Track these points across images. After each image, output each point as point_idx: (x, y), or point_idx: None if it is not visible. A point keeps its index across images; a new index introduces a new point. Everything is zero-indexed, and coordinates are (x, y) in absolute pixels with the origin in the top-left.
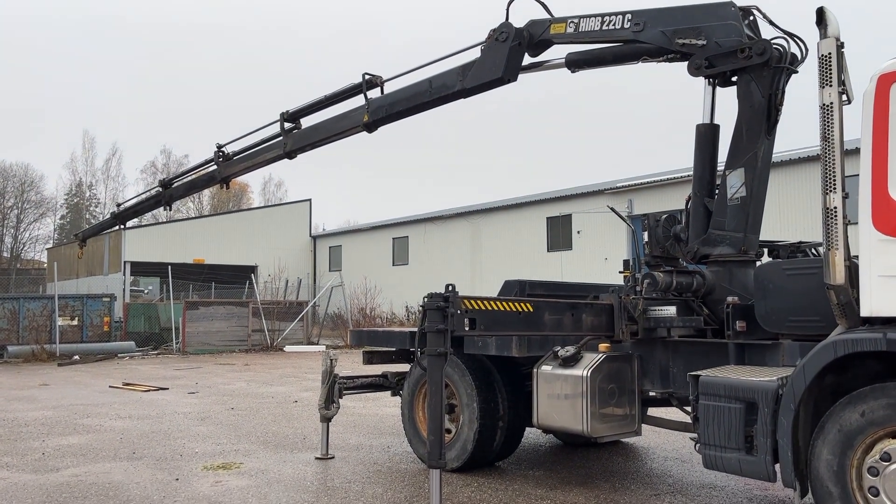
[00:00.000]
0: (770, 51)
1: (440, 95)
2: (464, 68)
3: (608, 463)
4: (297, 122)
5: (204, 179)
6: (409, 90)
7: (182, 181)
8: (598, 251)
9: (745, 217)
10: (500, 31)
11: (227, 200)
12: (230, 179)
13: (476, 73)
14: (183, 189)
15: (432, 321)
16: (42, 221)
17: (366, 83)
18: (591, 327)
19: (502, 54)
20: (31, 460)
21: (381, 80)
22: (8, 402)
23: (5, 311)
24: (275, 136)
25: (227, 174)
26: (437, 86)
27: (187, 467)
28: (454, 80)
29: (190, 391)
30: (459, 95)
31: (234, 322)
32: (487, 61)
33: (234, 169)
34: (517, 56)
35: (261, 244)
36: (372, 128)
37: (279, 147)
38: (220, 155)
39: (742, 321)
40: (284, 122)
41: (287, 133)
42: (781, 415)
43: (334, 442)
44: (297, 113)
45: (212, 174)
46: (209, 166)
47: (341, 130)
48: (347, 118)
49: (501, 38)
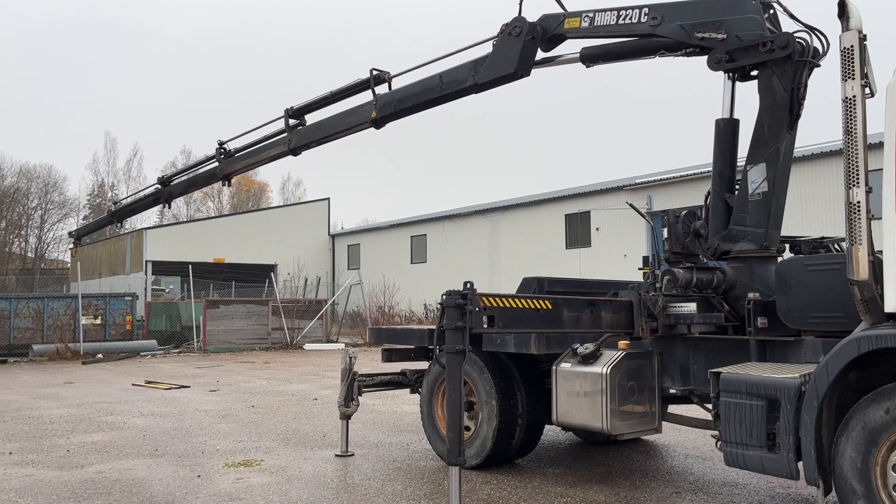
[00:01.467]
0: (793, 44)
1: (451, 91)
2: (475, 63)
3: (628, 460)
4: (302, 118)
5: (205, 177)
6: (418, 85)
7: (182, 178)
8: (618, 248)
9: (767, 212)
10: (513, 25)
11: (246, 200)
12: (232, 176)
13: (488, 68)
14: (183, 186)
15: (451, 319)
16: (65, 222)
17: (373, 79)
18: (610, 324)
19: (516, 49)
20: (57, 457)
21: (388, 76)
22: (33, 399)
23: (30, 311)
24: (278, 133)
25: (228, 171)
26: (449, 81)
27: (209, 464)
28: (466, 75)
29: (211, 389)
30: (471, 90)
31: (253, 320)
32: (500, 56)
33: (236, 166)
34: (530, 51)
35: (280, 243)
36: (380, 123)
37: (283, 143)
38: (222, 152)
39: (764, 317)
40: (289, 119)
41: (292, 129)
42: (804, 412)
43: (354, 439)
44: (301, 109)
45: (213, 171)
46: (210, 163)
47: (348, 126)
48: (355, 114)
49: (514, 32)
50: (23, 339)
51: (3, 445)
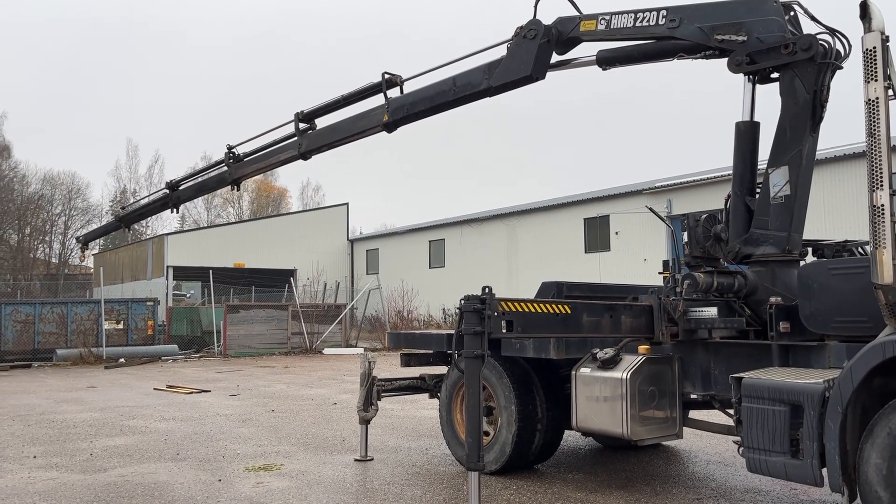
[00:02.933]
0: (816, 46)
1: (465, 94)
2: (490, 66)
3: (649, 466)
4: (312, 122)
5: (214, 181)
6: (431, 89)
7: (190, 183)
8: (637, 252)
9: (790, 216)
10: (528, 28)
11: (266, 205)
12: (241, 181)
13: (503, 71)
14: (192, 191)
15: (469, 323)
16: (88, 227)
17: (385, 82)
18: (630, 329)
19: (531, 52)
20: (80, 461)
21: (400, 80)
22: (57, 403)
23: (54, 316)
24: (288, 137)
25: (238, 175)
26: (462, 84)
27: (230, 468)
28: (480, 79)
29: (231, 393)
30: (485, 94)
31: (273, 325)
32: (515, 59)
33: (245, 170)
34: (546, 53)
35: (299, 248)
36: (392, 127)
37: (294, 147)
38: (231, 156)
39: (786, 322)
40: (299, 123)
41: (302, 133)
42: (828, 418)
43: (373, 444)
44: (311, 113)
45: (222, 176)
46: (219, 168)
47: (360, 130)
48: (366, 118)
49: (530, 35)
50: (47, 344)
51: (28, 449)
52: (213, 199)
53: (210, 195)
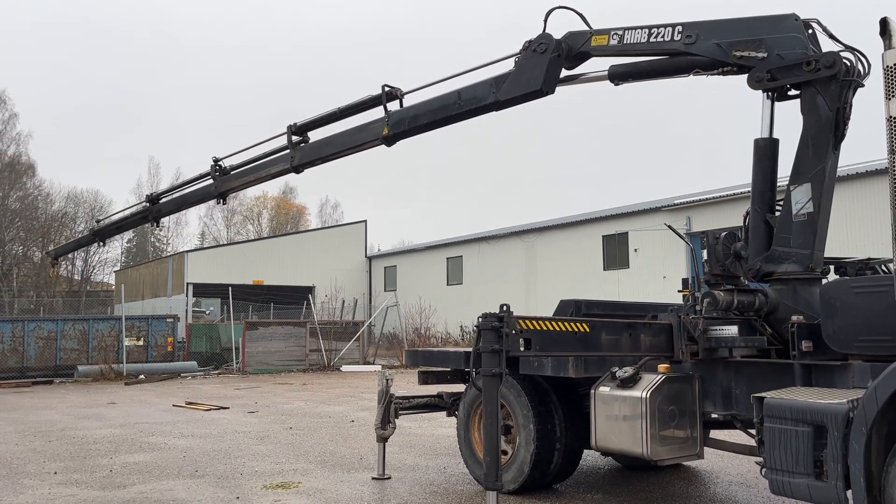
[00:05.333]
0: (840, 63)
1: (470, 108)
2: (497, 80)
3: (669, 487)
4: (305, 135)
5: (198, 195)
6: (434, 102)
7: (173, 196)
8: (657, 270)
9: (813, 233)
10: (538, 41)
11: (285, 223)
12: (227, 195)
13: (512, 85)
14: (174, 205)
15: (487, 341)
16: (110, 245)
17: (386, 95)
18: (649, 348)
19: (541, 66)
20: (99, 477)
21: (400, 93)
22: (78, 419)
23: (76, 332)
24: (278, 150)
25: (224, 189)
26: (468, 98)
27: (247, 486)
28: (486, 92)
29: (250, 410)
30: (492, 108)
31: (292, 342)
32: (524, 73)
33: (233, 184)
34: (556, 68)
35: (318, 265)
36: (391, 141)
37: (285, 161)
38: (217, 169)
39: (808, 341)
40: (292, 136)
41: (295, 146)
42: (853, 439)
43: (391, 462)
44: (305, 126)
45: (207, 189)
46: (204, 181)
47: (358, 143)
48: (365, 131)
49: (540, 49)
50: (68, 360)
51: (48, 465)
52: (232, 217)
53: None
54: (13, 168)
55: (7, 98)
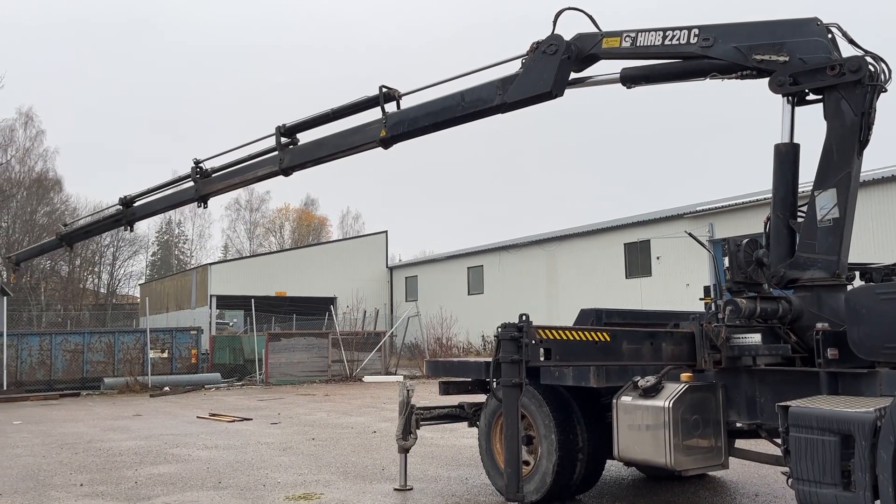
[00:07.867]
0: (865, 68)
1: (474, 110)
2: (503, 81)
3: (694, 497)
4: (294, 137)
5: (177, 198)
6: (436, 104)
7: (149, 199)
8: (679, 277)
9: (839, 239)
10: (547, 43)
11: (307, 234)
12: (209, 198)
13: (519, 87)
14: (150, 208)
15: (507, 351)
16: (135, 258)
17: (383, 96)
18: (671, 356)
19: (551, 68)
20: (125, 489)
21: (398, 94)
22: (104, 431)
23: (102, 345)
24: (266, 152)
25: (206, 192)
26: (472, 100)
27: (270, 497)
28: (492, 94)
29: (272, 421)
30: (499, 110)
31: (314, 353)
32: (533, 74)
33: (215, 186)
34: (566, 70)
35: (340, 276)
36: (388, 143)
37: (274, 163)
38: (199, 171)
39: (834, 348)
40: (281, 137)
41: (283, 148)
42: (881, 448)
43: (412, 473)
44: (295, 127)
45: (187, 192)
46: (184, 183)
47: (352, 146)
48: (361, 133)
49: (550, 50)
50: (95, 373)
51: (75, 477)
52: (255, 229)
53: (252, 225)
54: (41, 184)
55: (34, 114)
